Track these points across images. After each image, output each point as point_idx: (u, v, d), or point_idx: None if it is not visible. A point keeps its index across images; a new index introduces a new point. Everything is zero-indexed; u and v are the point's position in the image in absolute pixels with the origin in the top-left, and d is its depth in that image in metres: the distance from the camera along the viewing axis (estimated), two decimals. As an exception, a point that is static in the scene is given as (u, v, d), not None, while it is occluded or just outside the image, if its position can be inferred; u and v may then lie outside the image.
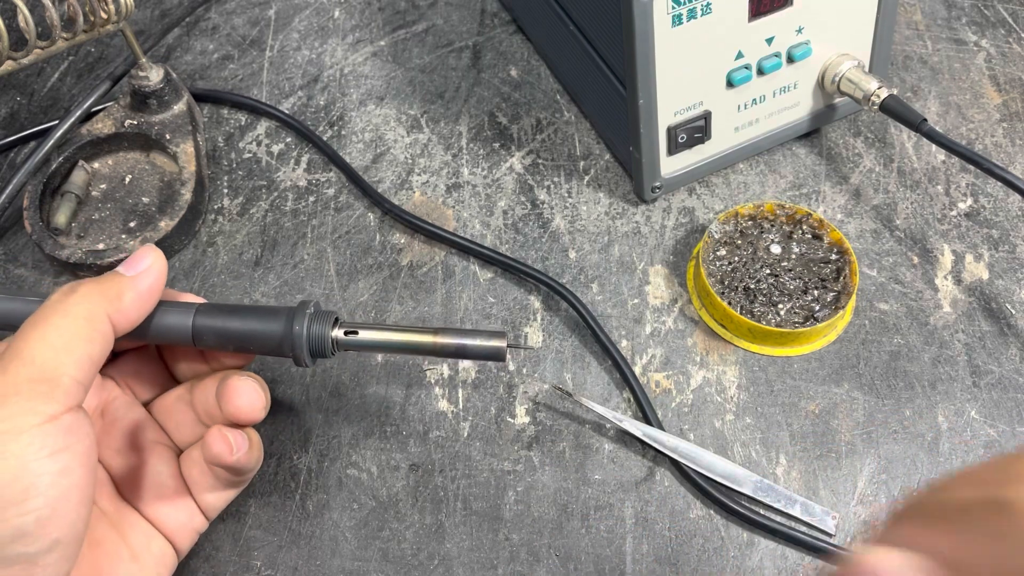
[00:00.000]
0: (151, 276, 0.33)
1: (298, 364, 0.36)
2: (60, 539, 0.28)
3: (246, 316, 0.35)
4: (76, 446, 0.29)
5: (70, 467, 0.28)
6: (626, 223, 0.49)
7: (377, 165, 0.52)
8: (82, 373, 0.30)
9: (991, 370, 0.43)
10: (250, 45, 0.59)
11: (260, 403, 0.34)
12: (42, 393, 0.28)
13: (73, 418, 0.29)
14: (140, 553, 0.35)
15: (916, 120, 0.45)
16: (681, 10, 0.42)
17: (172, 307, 0.35)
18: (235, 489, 0.37)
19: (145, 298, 0.33)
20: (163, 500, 0.36)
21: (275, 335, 0.35)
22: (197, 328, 0.35)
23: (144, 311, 0.33)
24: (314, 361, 0.36)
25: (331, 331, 0.35)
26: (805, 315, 0.43)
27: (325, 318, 0.35)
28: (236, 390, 0.34)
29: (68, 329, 0.30)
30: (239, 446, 0.34)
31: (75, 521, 0.29)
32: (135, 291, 0.33)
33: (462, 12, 0.60)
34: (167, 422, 0.37)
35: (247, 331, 0.35)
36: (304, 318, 0.35)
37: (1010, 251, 0.47)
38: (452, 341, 0.35)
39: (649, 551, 0.38)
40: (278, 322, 0.35)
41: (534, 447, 0.41)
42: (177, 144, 0.51)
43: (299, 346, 0.35)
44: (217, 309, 0.35)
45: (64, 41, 0.45)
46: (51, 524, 0.28)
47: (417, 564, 0.38)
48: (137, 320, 0.33)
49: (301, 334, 0.35)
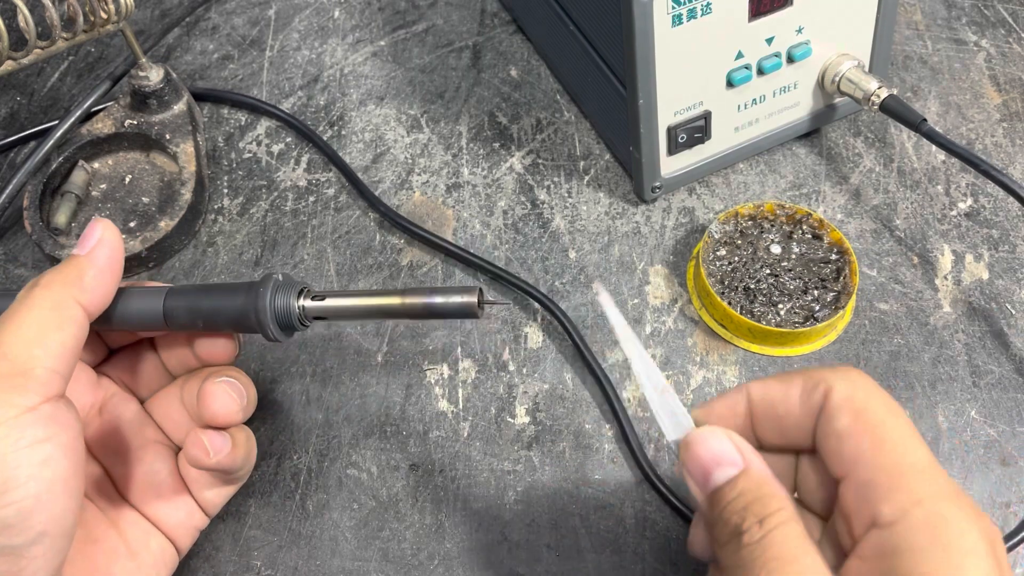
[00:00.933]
0: (105, 248, 0.33)
1: (267, 338, 0.34)
2: (45, 531, 0.28)
3: (214, 293, 0.34)
4: (58, 436, 0.28)
5: (52, 457, 0.28)
6: (626, 223, 0.49)
7: (377, 165, 0.52)
8: (58, 362, 0.29)
9: (991, 370, 0.43)
10: (250, 45, 0.59)
11: (234, 407, 0.34)
12: (17, 386, 0.28)
13: (53, 408, 0.29)
14: (138, 551, 0.35)
15: (916, 120, 0.45)
16: (681, 10, 0.42)
17: (144, 291, 0.35)
18: (234, 485, 0.37)
19: (106, 272, 0.32)
20: (161, 498, 0.36)
21: (239, 307, 0.34)
22: (167, 309, 0.34)
23: (110, 286, 0.33)
24: (287, 335, 0.35)
25: (297, 301, 0.34)
26: (805, 315, 0.43)
27: (290, 288, 0.34)
28: (211, 395, 0.33)
29: (37, 320, 0.30)
30: (217, 449, 0.33)
31: (61, 513, 0.28)
32: (94, 267, 0.32)
33: (462, 12, 0.60)
34: (164, 420, 0.37)
35: (214, 307, 0.34)
36: (269, 289, 0.34)
37: (1010, 251, 0.47)
38: (420, 300, 0.34)
39: (649, 551, 0.38)
40: (243, 295, 0.34)
41: (534, 447, 0.41)
42: (177, 144, 0.51)
43: (264, 315, 0.33)
44: (188, 289, 0.35)
45: (64, 41, 0.45)
46: (35, 516, 0.27)
47: (417, 564, 0.38)
48: (105, 296, 0.33)
49: (265, 305, 0.33)
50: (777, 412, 0.30)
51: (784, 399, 0.30)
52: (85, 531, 0.34)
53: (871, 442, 0.27)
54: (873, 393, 0.29)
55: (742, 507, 0.28)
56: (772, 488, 0.28)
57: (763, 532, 0.27)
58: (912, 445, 0.27)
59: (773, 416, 0.30)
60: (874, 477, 0.27)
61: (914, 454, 0.27)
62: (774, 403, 0.30)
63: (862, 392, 0.28)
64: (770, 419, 0.30)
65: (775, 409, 0.30)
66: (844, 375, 0.29)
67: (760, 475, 0.29)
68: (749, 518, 0.28)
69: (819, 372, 0.30)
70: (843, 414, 0.28)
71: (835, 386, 0.29)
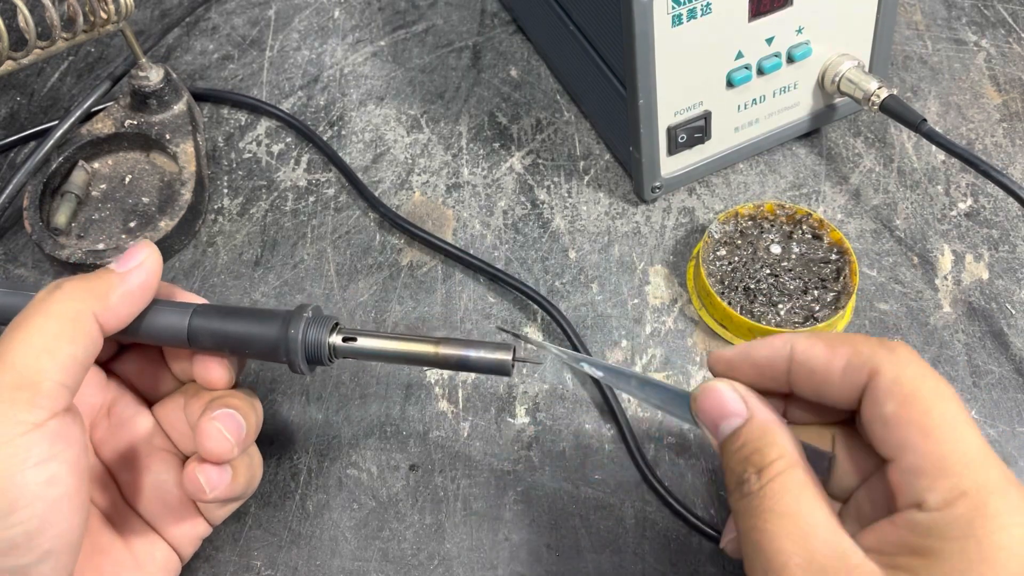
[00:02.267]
0: (143, 274, 0.32)
1: (293, 371, 0.34)
2: (52, 550, 0.27)
3: (242, 319, 0.34)
4: (63, 453, 0.28)
5: (58, 476, 0.28)
6: (626, 223, 0.49)
7: (377, 165, 0.52)
8: (66, 376, 0.29)
9: (991, 370, 0.43)
10: (250, 45, 0.59)
11: (227, 446, 0.32)
12: (24, 400, 0.27)
13: (59, 424, 0.28)
14: (144, 561, 0.34)
15: (916, 120, 0.45)
16: (681, 10, 0.42)
17: (168, 307, 0.34)
18: (239, 501, 0.36)
19: (135, 296, 0.32)
20: (167, 508, 0.35)
21: (270, 339, 0.34)
22: (193, 329, 0.34)
23: (134, 310, 0.32)
24: (312, 369, 0.35)
25: (328, 337, 0.34)
26: (805, 315, 0.43)
27: (323, 323, 0.34)
28: (205, 434, 0.32)
29: (50, 330, 0.29)
30: (214, 485, 0.32)
31: (67, 531, 0.28)
32: (124, 288, 0.31)
33: (462, 12, 0.60)
34: (171, 429, 0.37)
35: (242, 334, 0.34)
36: (301, 322, 0.34)
37: (1010, 251, 0.47)
38: (455, 352, 0.34)
39: (649, 551, 0.38)
40: (274, 326, 0.34)
41: (534, 447, 0.41)
42: (177, 144, 0.51)
43: (294, 352, 0.33)
44: (214, 311, 0.34)
45: (64, 41, 0.45)
46: (41, 536, 0.27)
47: (417, 564, 0.38)
48: (126, 319, 0.32)
49: (296, 339, 0.33)
50: (816, 378, 0.30)
51: (826, 368, 0.29)
52: (91, 541, 0.33)
53: (919, 430, 0.27)
54: (922, 375, 0.28)
55: (744, 457, 0.28)
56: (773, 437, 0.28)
57: (760, 483, 0.28)
58: (961, 433, 0.26)
59: (811, 378, 0.30)
60: (921, 464, 0.26)
61: (963, 442, 0.26)
62: (815, 369, 0.30)
63: (910, 375, 0.28)
64: (808, 379, 0.30)
65: (815, 374, 0.30)
66: (892, 354, 0.28)
67: (763, 424, 0.29)
68: (748, 468, 0.28)
69: (867, 346, 0.29)
70: (890, 399, 0.27)
71: (882, 368, 0.28)
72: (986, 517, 0.25)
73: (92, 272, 0.32)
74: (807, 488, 0.27)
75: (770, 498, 0.27)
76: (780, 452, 0.28)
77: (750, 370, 0.32)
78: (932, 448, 0.26)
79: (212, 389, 0.35)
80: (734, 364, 0.32)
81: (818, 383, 0.30)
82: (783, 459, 0.28)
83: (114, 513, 0.35)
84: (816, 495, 0.27)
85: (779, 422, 0.30)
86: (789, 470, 0.28)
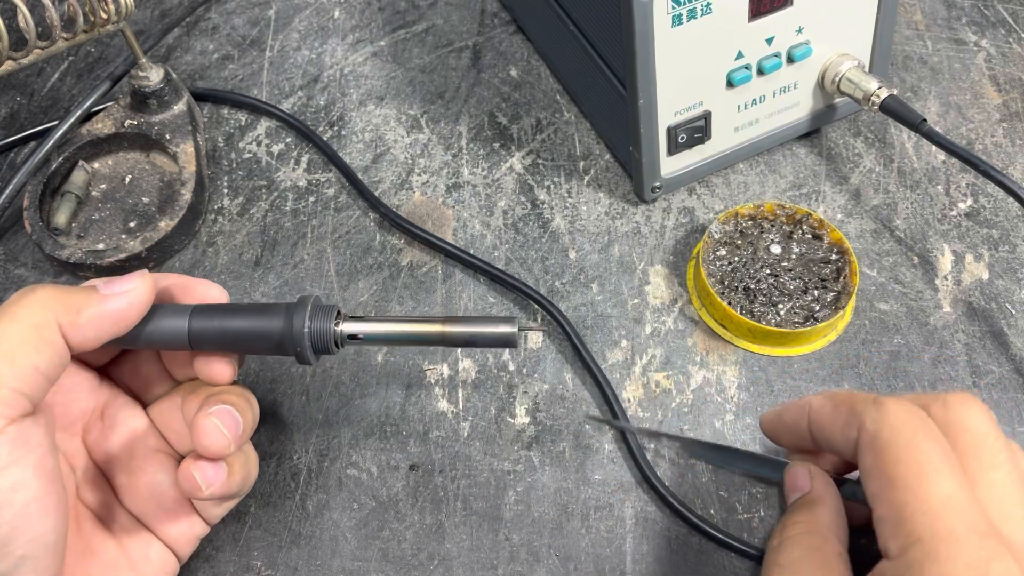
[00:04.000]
0: (122, 301, 0.31)
1: (301, 362, 0.34)
2: (27, 555, 0.27)
3: (243, 315, 0.34)
4: (25, 458, 0.27)
5: (22, 480, 0.27)
6: (626, 223, 0.49)
7: (377, 165, 0.52)
8: (23, 384, 0.28)
9: (991, 370, 0.43)
10: (250, 45, 0.59)
11: (224, 442, 0.32)
12: None
13: (17, 430, 0.27)
14: (138, 562, 0.34)
15: (916, 120, 0.45)
16: (681, 10, 0.42)
17: (166, 310, 0.34)
18: (236, 499, 0.36)
19: (106, 321, 0.31)
20: (163, 509, 0.35)
21: (276, 332, 0.33)
22: (194, 331, 0.33)
23: (102, 335, 0.31)
24: (318, 358, 0.35)
25: (334, 325, 0.34)
26: (805, 315, 0.43)
27: (327, 312, 0.34)
28: (201, 430, 0.32)
29: (13, 335, 0.28)
30: (210, 482, 0.32)
31: (43, 534, 0.27)
32: (97, 310, 0.30)
33: (462, 12, 0.60)
34: (167, 429, 0.36)
35: (246, 330, 0.33)
36: (305, 313, 0.34)
37: (1010, 251, 0.47)
38: (461, 329, 0.34)
39: (649, 551, 0.38)
40: (277, 319, 0.34)
41: (534, 447, 0.41)
42: (177, 144, 0.51)
43: (302, 343, 0.33)
44: (213, 310, 0.34)
45: (64, 41, 0.45)
46: (13, 542, 0.27)
47: (417, 564, 0.38)
48: (94, 342, 0.31)
49: (303, 330, 0.33)
50: (825, 434, 0.33)
51: (831, 425, 0.32)
52: (83, 543, 0.33)
53: (887, 481, 0.28)
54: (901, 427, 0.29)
55: (783, 520, 0.34)
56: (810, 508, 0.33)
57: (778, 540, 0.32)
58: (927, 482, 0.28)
59: (822, 435, 0.34)
60: (886, 514, 0.28)
61: (926, 491, 0.27)
62: (823, 426, 0.33)
63: (889, 426, 0.30)
64: (820, 437, 0.34)
65: (823, 431, 0.33)
66: (877, 409, 0.30)
67: (811, 498, 0.34)
68: (777, 528, 0.34)
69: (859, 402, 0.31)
70: (868, 452, 0.30)
71: (865, 422, 0.30)
72: (935, 563, 0.26)
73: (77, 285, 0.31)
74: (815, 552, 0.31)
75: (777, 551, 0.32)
76: (806, 519, 0.32)
77: (785, 432, 0.36)
78: (896, 497, 0.28)
79: (215, 384, 0.35)
80: (774, 427, 0.37)
81: (827, 439, 0.33)
82: (802, 524, 0.32)
83: (107, 515, 0.35)
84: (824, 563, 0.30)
85: (828, 500, 0.33)
86: (806, 535, 0.32)
